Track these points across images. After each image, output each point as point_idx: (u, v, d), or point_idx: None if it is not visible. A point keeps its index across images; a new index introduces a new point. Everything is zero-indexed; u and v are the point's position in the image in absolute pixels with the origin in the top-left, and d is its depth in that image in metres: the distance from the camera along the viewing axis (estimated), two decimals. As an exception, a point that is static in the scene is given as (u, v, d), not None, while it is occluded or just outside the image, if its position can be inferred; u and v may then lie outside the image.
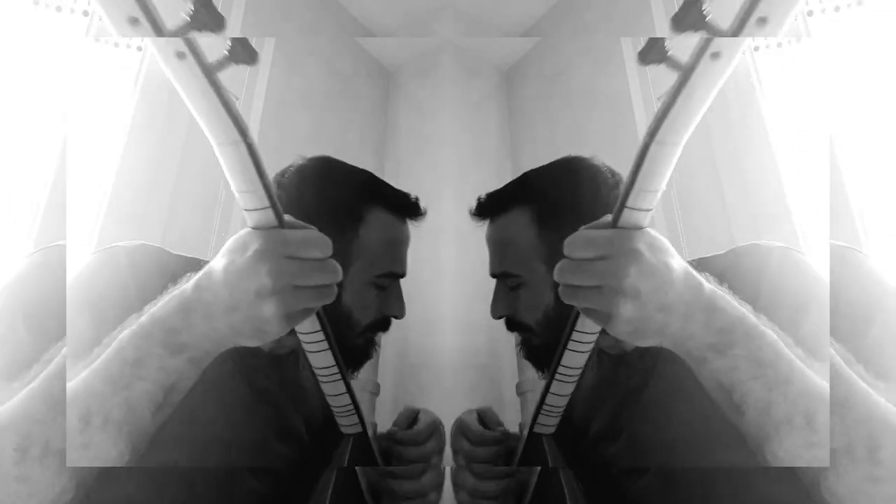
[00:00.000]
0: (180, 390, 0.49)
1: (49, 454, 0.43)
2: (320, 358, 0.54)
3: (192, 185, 1.56)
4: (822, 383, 0.45)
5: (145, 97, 1.47)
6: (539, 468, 0.64)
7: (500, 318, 0.75)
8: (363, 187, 0.72)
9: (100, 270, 0.59)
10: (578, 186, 0.69)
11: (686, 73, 0.37)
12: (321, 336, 0.51)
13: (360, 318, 0.68)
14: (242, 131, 0.39)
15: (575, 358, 0.54)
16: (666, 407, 0.61)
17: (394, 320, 0.74)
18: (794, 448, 0.44)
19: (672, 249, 0.47)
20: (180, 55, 0.35)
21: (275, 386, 0.69)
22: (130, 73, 1.46)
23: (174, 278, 0.56)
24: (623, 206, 0.43)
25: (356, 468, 0.63)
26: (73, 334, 0.51)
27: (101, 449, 0.44)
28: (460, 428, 0.71)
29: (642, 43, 0.39)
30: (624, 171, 0.45)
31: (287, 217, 0.45)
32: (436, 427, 0.70)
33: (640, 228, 0.45)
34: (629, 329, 0.46)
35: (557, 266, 0.46)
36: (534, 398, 0.65)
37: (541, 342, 0.70)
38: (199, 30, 0.35)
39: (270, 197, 0.43)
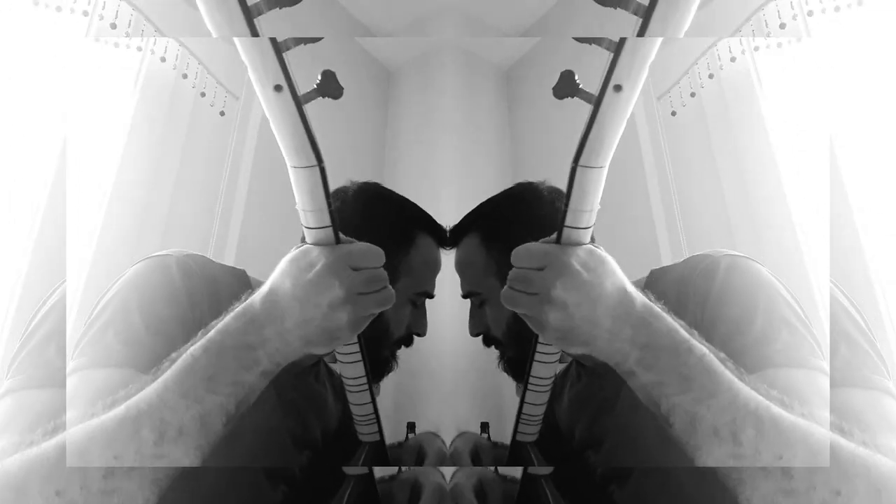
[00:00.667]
0: (250, 401, 0.51)
1: (182, 434, 0.45)
2: (352, 368, 0.57)
3: (192, 185, 1.56)
4: (752, 394, 0.47)
5: (145, 97, 1.47)
6: (522, 473, 0.66)
7: (476, 335, 0.83)
8: (413, 214, 0.82)
9: (152, 277, 0.60)
10: (518, 209, 0.78)
11: (596, 105, 0.42)
12: (356, 348, 0.55)
13: (394, 332, 0.75)
14: (319, 157, 0.43)
15: (543, 368, 0.58)
16: (637, 414, 0.63)
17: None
18: (722, 459, 0.45)
19: (611, 267, 0.50)
20: (277, 88, 0.40)
21: (300, 397, 0.73)
22: (130, 73, 1.46)
23: (219, 287, 0.62)
24: (563, 225, 0.48)
25: (372, 472, 0.65)
26: (129, 340, 0.54)
27: (174, 460, 0.45)
28: (453, 460, 0.76)
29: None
30: (629, 170, 0.46)
31: (341, 235, 0.50)
32: (443, 458, 0.75)
33: (580, 245, 0.50)
34: (558, 335, 0.49)
35: (509, 274, 0.51)
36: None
37: (513, 354, 0.78)
38: (324, 97, 0.42)
39: (332, 217, 0.47)
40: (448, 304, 1.80)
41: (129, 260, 1.32)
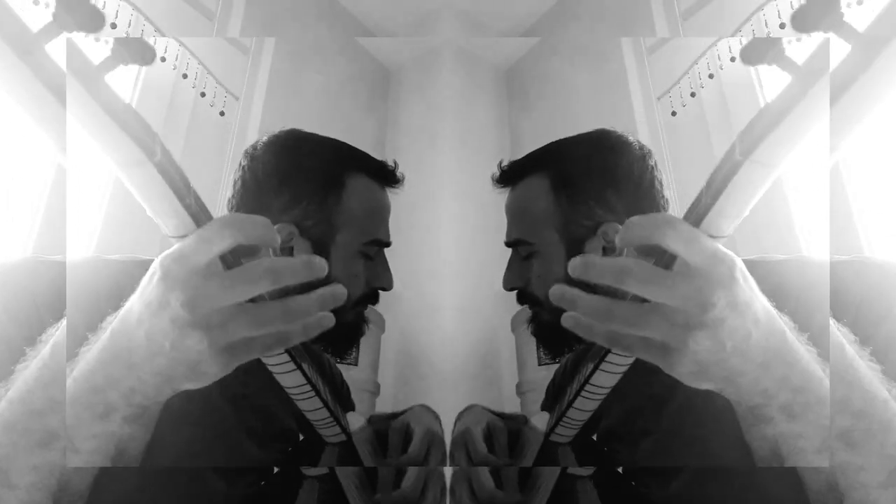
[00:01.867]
0: (132, 452, 0.42)
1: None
2: (289, 378, 0.48)
3: (192, 182, 1.56)
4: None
5: (145, 97, 1.47)
6: (556, 476, 0.62)
7: (511, 289, 0.70)
8: (340, 153, 0.70)
9: (50, 291, 0.51)
10: (600, 155, 0.65)
11: (808, 82, 0.30)
12: (286, 357, 0.45)
13: (351, 291, 0.63)
14: (148, 149, 0.32)
15: (607, 378, 0.48)
16: (693, 413, 0.56)
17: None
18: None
19: (755, 283, 0.38)
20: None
21: (255, 391, 0.65)
22: (130, 73, 1.46)
23: (119, 287, 0.47)
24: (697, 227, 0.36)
25: (339, 476, 0.60)
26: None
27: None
28: (464, 439, 0.66)
29: (642, 43, 0.37)
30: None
31: None
32: (432, 438, 0.65)
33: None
34: (693, 370, 0.36)
35: (610, 262, 0.35)
36: (534, 398, 0.64)
37: (549, 318, 0.65)
38: (70, 31, 0.31)
39: (195, 217, 0.35)
40: (448, 296, 1.80)
41: (130, 252, 1.32)
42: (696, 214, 0.35)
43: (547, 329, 0.67)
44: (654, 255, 0.37)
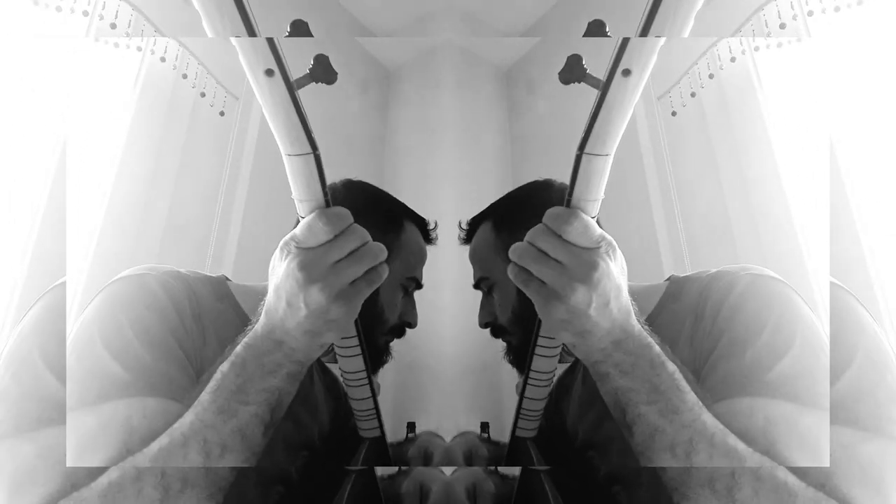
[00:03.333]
0: (284, 405, 0.52)
1: (188, 486, 0.45)
2: (351, 363, 0.56)
3: (192, 185, 1.56)
4: (714, 421, 0.47)
5: (145, 97, 1.47)
6: (521, 470, 0.65)
7: (485, 325, 0.81)
8: (400, 205, 0.82)
9: (137, 299, 0.57)
10: (529, 196, 0.79)
11: (603, 90, 0.40)
12: (356, 342, 0.54)
13: (388, 317, 0.74)
14: (313, 145, 0.42)
15: (544, 362, 0.57)
16: None
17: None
18: (676, 472, 0.46)
19: (626, 273, 0.50)
20: (269, 72, 0.38)
21: (294, 401, 0.71)
22: (130, 73, 1.46)
23: (199, 298, 0.61)
24: None
25: (374, 469, 0.64)
26: (129, 364, 0.51)
27: (222, 476, 0.46)
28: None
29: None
30: (628, 171, 0.45)
31: None
32: (448, 459, 0.75)
33: None
34: (563, 317, 0.47)
35: (534, 231, 0.47)
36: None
37: (517, 342, 0.77)
38: (317, 82, 0.41)
39: (328, 206, 0.45)
40: (448, 304, 1.80)
41: (129, 260, 1.32)
42: (565, 203, 0.46)
43: (518, 353, 0.78)
44: None
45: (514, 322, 0.74)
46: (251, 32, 0.37)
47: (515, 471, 0.67)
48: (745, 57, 1.51)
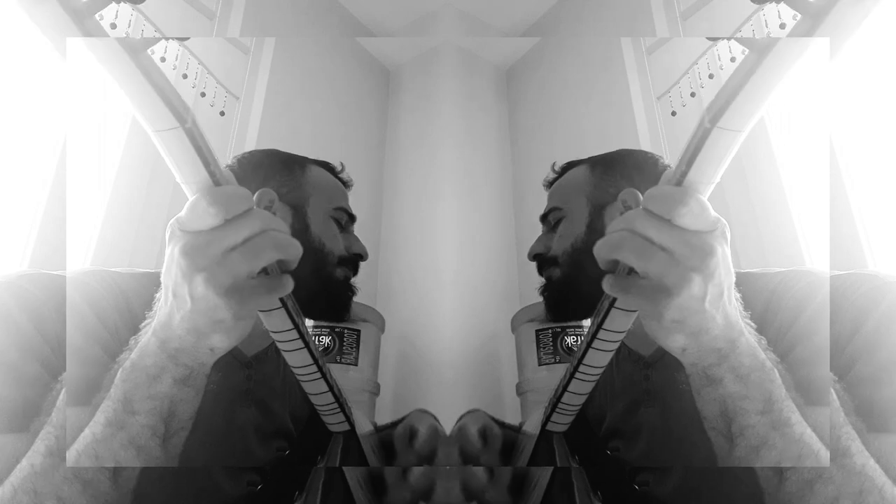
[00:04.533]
0: (182, 415, 0.47)
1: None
2: (296, 357, 0.50)
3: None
4: (811, 434, 0.43)
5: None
6: (549, 475, 0.63)
7: (535, 256, 0.77)
8: (299, 155, 0.79)
9: (56, 304, 0.53)
10: (630, 154, 0.76)
11: (762, 51, 0.31)
12: (295, 334, 0.47)
13: (331, 248, 0.72)
14: (181, 116, 0.34)
15: (600, 357, 0.50)
16: (685, 414, 0.59)
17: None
18: (797, 487, 0.42)
19: None
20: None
21: (258, 387, 0.69)
22: (130, 73, 1.46)
23: (128, 297, 0.58)
24: None
25: (346, 475, 0.61)
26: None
27: (100, 490, 0.43)
28: (458, 437, 0.69)
29: (642, 43, 0.37)
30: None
31: None
32: (436, 435, 0.68)
33: None
34: (676, 317, 0.40)
35: (633, 215, 0.39)
36: (534, 398, 0.64)
37: (563, 277, 0.72)
38: (118, 1, 0.31)
39: (217, 185, 0.37)
40: (448, 302, 1.80)
41: (129, 260, 1.32)
42: (672, 182, 0.39)
43: (556, 287, 0.74)
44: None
45: (570, 255, 0.71)
46: None
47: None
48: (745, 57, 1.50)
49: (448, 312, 1.79)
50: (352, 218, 0.78)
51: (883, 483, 0.40)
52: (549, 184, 0.82)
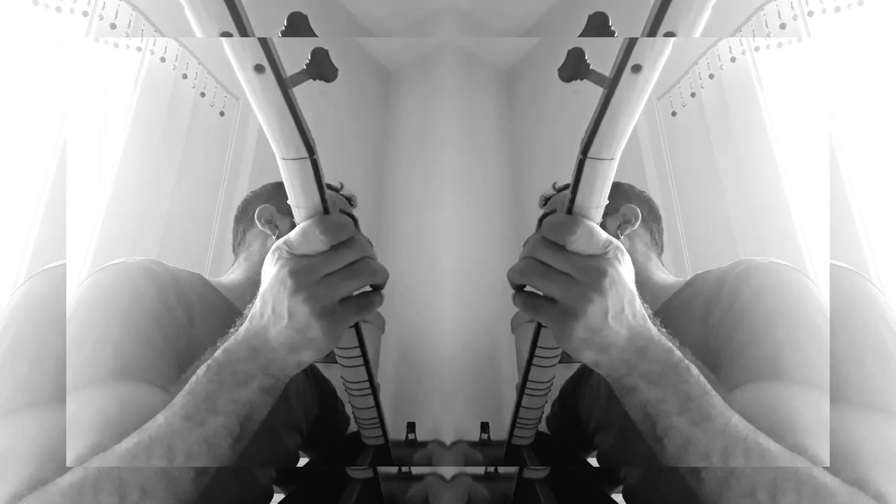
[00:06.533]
0: (256, 420, 0.49)
1: (146, 497, 0.43)
2: (354, 373, 0.55)
3: (192, 185, 1.56)
4: (743, 422, 0.45)
5: (145, 97, 1.47)
6: (516, 476, 0.65)
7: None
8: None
9: (117, 286, 0.57)
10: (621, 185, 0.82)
11: (610, 88, 0.35)
12: (358, 352, 0.52)
13: None
14: (310, 148, 0.38)
15: (542, 373, 0.55)
16: None
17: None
18: (715, 485, 0.44)
19: (634, 274, 0.47)
20: (259, 69, 0.34)
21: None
22: (130, 74, 1.46)
23: (184, 288, 0.62)
24: None
25: (378, 478, 0.64)
26: (107, 352, 0.50)
27: (182, 489, 0.44)
28: None
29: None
30: (628, 171, 0.44)
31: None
32: None
33: None
34: (584, 336, 0.44)
35: (532, 241, 0.44)
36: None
37: None
38: (314, 79, 0.36)
39: (327, 213, 0.42)
40: (448, 296, 1.80)
41: (128, 260, 1.32)
42: (564, 211, 0.43)
43: None
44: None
45: None
46: (241, 28, 0.32)
47: (513, 471, 0.67)
48: (745, 57, 1.51)
49: (448, 313, 1.79)
50: (353, 220, 0.80)
51: (746, 436, 0.44)
52: (547, 200, 0.85)
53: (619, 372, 0.48)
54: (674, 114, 1.67)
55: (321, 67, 0.36)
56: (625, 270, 0.44)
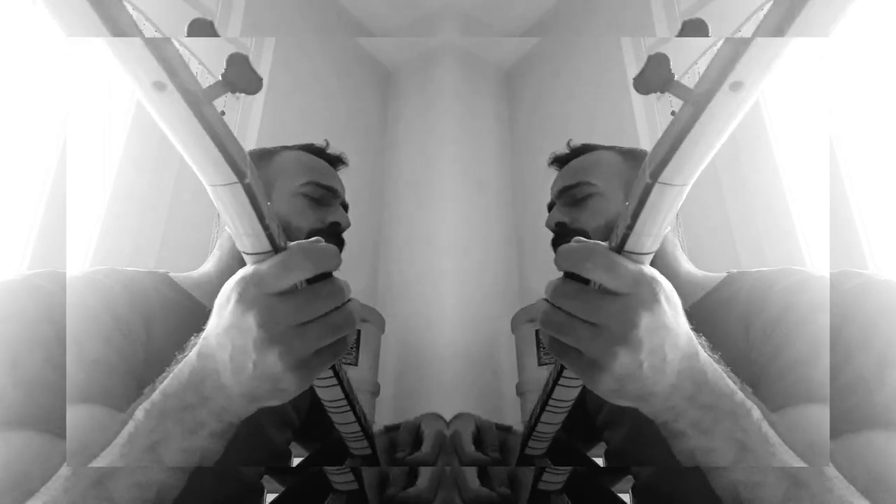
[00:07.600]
0: (208, 464, 0.44)
1: None
2: (329, 392, 0.51)
3: (192, 184, 1.56)
4: (808, 472, 0.40)
5: (145, 97, 1.47)
6: (532, 474, 0.65)
7: (556, 225, 0.74)
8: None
9: (72, 304, 0.53)
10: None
11: (700, 104, 0.29)
12: (330, 372, 0.48)
13: (298, 224, 0.72)
14: (239, 172, 0.32)
15: (567, 392, 0.51)
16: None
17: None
18: None
19: (681, 307, 0.40)
20: (159, 86, 0.27)
21: None
22: (130, 73, 1.46)
23: (147, 294, 0.59)
24: (622, 249, 0.36)
25: (366, 492, 0.63)
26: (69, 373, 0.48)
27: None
28: (453, 442, 0.69)
29: (642, 43, 0.37)
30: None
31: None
32: (442, 439, 0.69)
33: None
34: (613, 387, 0.38)
35: (552, 285, 0.38)
36: (534, 398, 0.65)
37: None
38: (233, 91, 0.31)
39: (271, 239, 0.36)
40: (448, 296, 1.80)
41: (129, 260, 1.32)
42: (618, 237, 0.37)
43: None
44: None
45: (602, 232, 0.70)
46: (117, 31, 0.26)
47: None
48: (745, 57, 1.51)
49: (448, 312, 1.79)
50: (330, 191, 0.75)
51: (813, 495, 0.39)
52: (561, 161, 0.79)
53: (662, 418, 0.42)
54: (673, 113, 1.67)
55: (239, 76, 0.31)
56: (666, 309, 0.37)
